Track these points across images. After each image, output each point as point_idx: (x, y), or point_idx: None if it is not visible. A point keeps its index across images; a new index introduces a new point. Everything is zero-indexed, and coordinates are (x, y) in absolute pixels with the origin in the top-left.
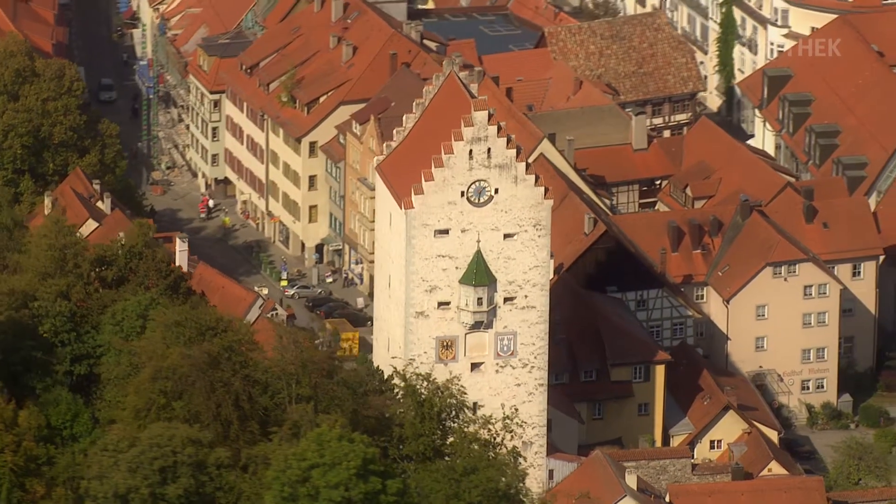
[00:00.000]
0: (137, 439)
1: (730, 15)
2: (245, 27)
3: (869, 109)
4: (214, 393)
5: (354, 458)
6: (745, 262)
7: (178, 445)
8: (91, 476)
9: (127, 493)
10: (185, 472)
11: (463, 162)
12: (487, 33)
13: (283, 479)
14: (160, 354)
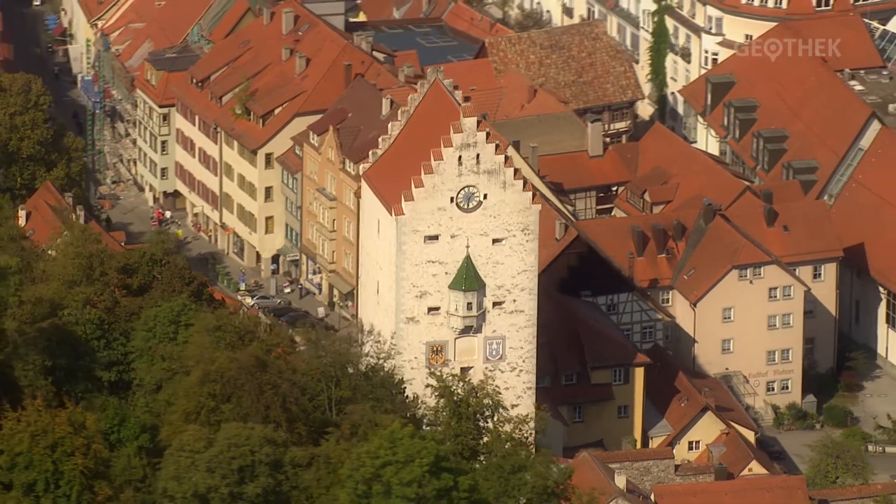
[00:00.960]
0: (214, 440)
1: (662, 24)
2: (191, 41)
3: (816, 114)
4: (263, 395)
5: (427, 455)
6: (710, 266)
7: (256, 445)
8: (168, 476)
9: (207, 493)
10: (264, 472)
11: (452, 168)
12: (425, 45)
13: (356, 476)
14: (208, 358)
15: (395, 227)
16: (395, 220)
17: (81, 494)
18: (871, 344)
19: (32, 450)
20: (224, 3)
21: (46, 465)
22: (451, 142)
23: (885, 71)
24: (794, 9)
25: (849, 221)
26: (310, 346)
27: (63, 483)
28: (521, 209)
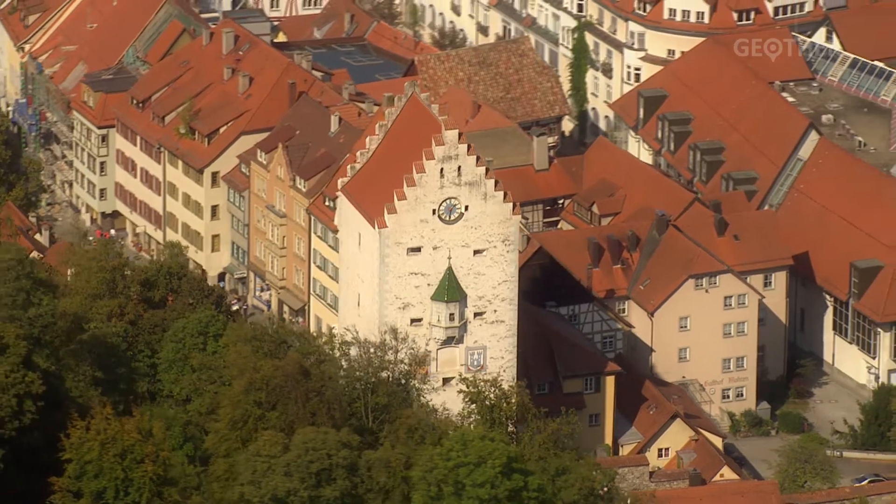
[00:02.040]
0: (290, 444)
1: (582, 40)
2: (127, 63)
3: (753, 125)
4: (309, 402)
5: (499, 455)
6: (666, 276)
7: (333, 448)
8: (245, 481)
9: (286, 497)
10: (341, 475)
11: (434, 180)
12: (351, 64)
13: (429, 478)
14: (252, 367)
15: (379, 240)
16: (378, 232)
17: (151, 501)
18: (816, 351)
19: (102, 458)
20: (159, 24)
21: (116, 472)
22: (433, 154)
23: (814, 83)
24: (717, 23)
25: (792, 230)
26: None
27: (133, 490)
28: (502, 220)
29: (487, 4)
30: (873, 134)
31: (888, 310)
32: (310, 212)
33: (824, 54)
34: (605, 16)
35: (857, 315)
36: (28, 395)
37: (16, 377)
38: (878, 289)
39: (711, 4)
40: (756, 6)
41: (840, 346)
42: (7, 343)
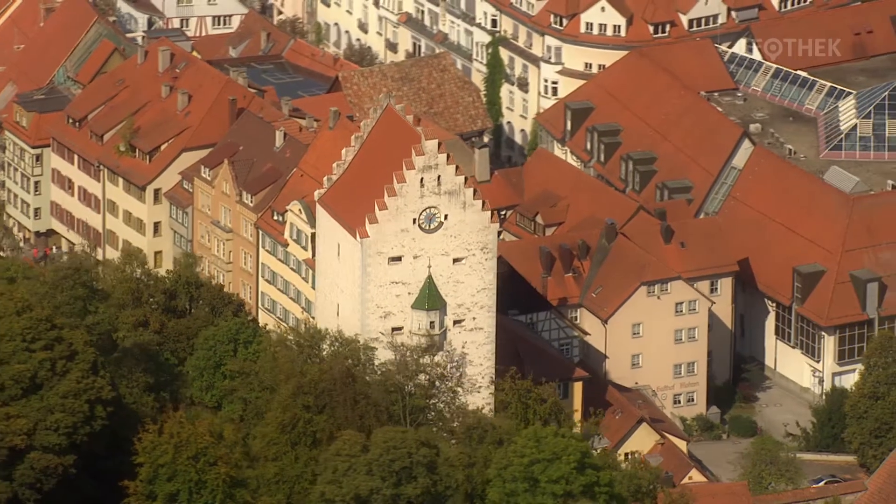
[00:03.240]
0: (369, 444)
1: (497, 55)
2: (58, 82)
3: (684, 135)
4: (357, 405)
5: (573, 452)
6: (618, 283)
7: (413, 447)
8: (326, 481)
9: (369, 495)
10: (422, 473)
11: (415, 190)
12: (271, 81)
13: (504, 475)
14: (299, 371)
15: (360, 250)
16: (359, 242)
17: (224, 503)
18: (758, 356)
19: (176, 461)
20: (89, 44)
21: (190, 474)
22: (413, 164)
23: (738, 93)
24: (633, 36)
25: (730, 238)
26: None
27: (206, 492)
28: (480, 228)
29: (396, 21)
30: (801, 142)
31: (832, 313)
32: (258, 226)
33: (746, 65)
34: (521, 31)
35: (801, 319)
36: (98, 400)
37: (87, 383)
38: (822, 293)
39: (627, 18)
40: (671, 19)
41: (782, 350)
42: (76, 349)
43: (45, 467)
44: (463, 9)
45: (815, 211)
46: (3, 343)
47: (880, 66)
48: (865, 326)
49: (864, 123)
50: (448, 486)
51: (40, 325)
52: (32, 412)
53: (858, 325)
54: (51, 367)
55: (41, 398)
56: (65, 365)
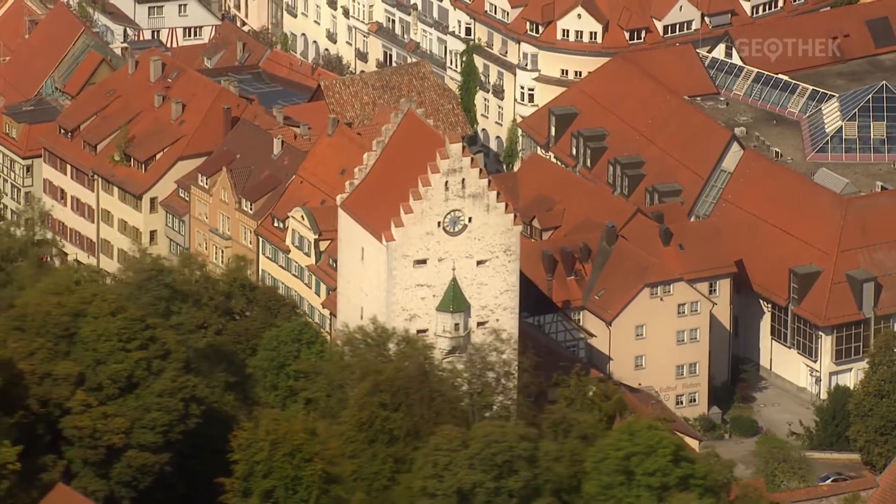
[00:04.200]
0: (470, 438)
1: (471, 63)
2: (45, 94)
3: (671, 138)
4: (433, 402)
5: (668, 444)
6: (620, 285)
7: (513, 440)
8: (426, 475)
9: (472, 489)
10: (523, 466)
11: (439, 193)
12: (250, 91)
13: (601, 468)
14: (375, 369)
15: (386, 253)
16: (385, 246)
17: (319, 499)
18: (752, 357)
19: (272, 457)
20: (76, 55)
21: (287, 471)
22: (437, 168)
23: (721, 97)
24: (610, 43)
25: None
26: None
27: (301, 488)
28: (504, 231)
29: (367, 31)
30: (787, 145)
31: (830, 313)
32: (258, 233)
33: (727, 69)
34: (495, 38)
35: (798, 320)
36: (193, 399)
37: (181, 381)
38: (818, 293)
39: (604, 25)
40: (646, 25)
41: (778, 350)
42: (169, 348)
43: (141, 465)
44: (435, 17)
45: (809, 212)
46: (100, 343)
47: (858, 69)
48: (862, 326)
49: (849, 126)
50: (548, 480)
51: (135, 325)
52: (129, 411)
53: (855, 325)
54: (146, 367)
55: (137, 397)
56: (159, 364)
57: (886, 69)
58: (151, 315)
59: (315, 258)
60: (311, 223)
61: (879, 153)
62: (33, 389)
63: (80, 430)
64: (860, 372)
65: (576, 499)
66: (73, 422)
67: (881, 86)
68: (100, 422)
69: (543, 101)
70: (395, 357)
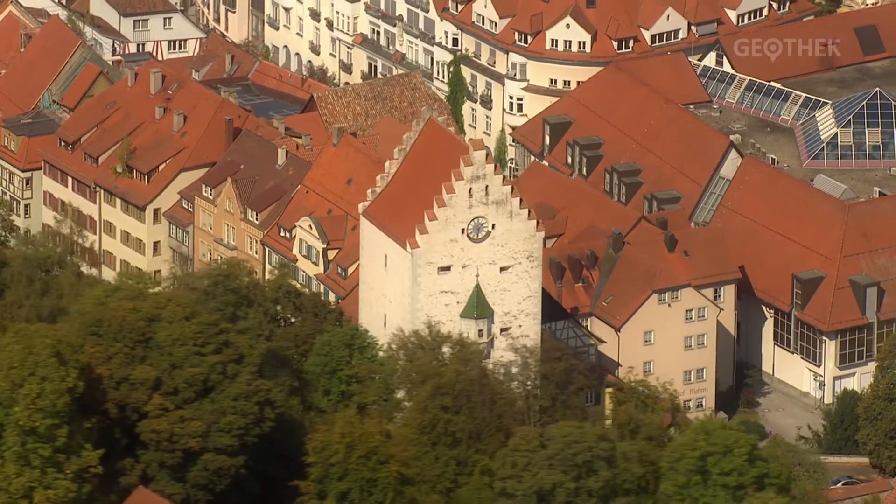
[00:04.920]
0: (548, 439)
1: (458, 74)
2: (43, 107)
3: (668, 146)
4: (495, 405)
5: (744, 444)
6: (628, 292)
7: (592, 441)
8: (505, 476)
9: (552, 489)
10: (602, 466)
11: (463, 200)
12: (242, 103)
13: (678, 468)
14: (436, 372)
15: (411, 261)
16: (410, 253)
17: (394, 500)
18: (754, 362)
19: (348, 459)
20: (74, 68)
21: (363, 473)
22: (461, 175)
23: (714, 105)
24: (598, 52)
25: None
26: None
27: (377, 490)
28: (527, 237)
29: (351, 42)
30: (782, 152)
31: (833, 318)
32: (265, 243)
33: (719, 77)
34: (483, 49)
35: (801, 325)
36: (267, 402)
37: (256, 385)
38: (822, 298)
39: (592, 34)
40: (634, 35)
41: (781, 356)
42: (243, 353)
43: (218, 468)
44: (422, 29)
45: (810, 218)
46: (176, 347)
47: (847, 76)
48: (865, 331)
49: (844, 132)
50: (626, 480)
51: (209, 329)
52: (205, 415)
53: (859, 330)
54: (221, 371)
55: (212, 401)
56: (234, 368)
57: (875, 76)
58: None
59: (323, 267)
60: (320, 232)
61: (874, 159)
62: (111, 394)
63: (158, 433)
64: (863, 376)
65: (650, 499)
66: (150, 425)
67: (875, 92)
68: (177, 425)
69: (532, 110)
70: (450, 361)
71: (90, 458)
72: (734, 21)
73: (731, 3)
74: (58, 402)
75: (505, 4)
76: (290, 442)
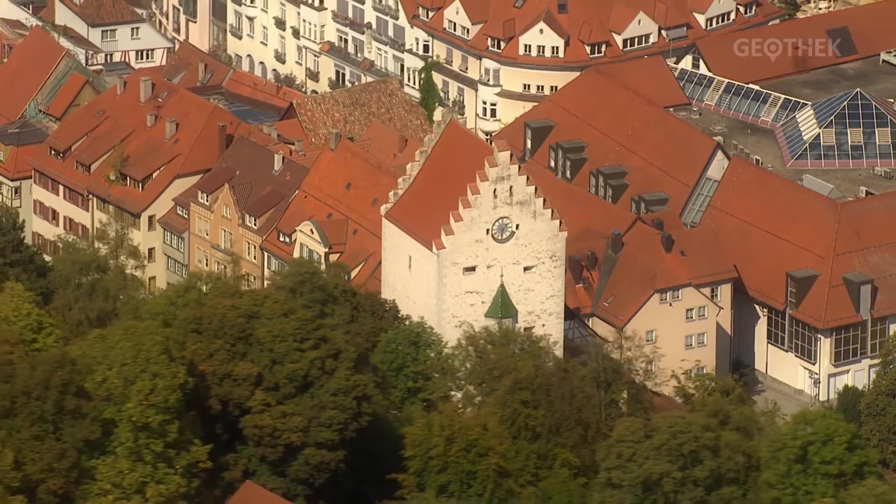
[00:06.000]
0: (653, 430)
1: (430, 80)
2: (30, 116)
3: (654, 148)
4: (574, 398)
5: (844, 432)
6: (630, 292)
7: (698, 431)
8: (611, 466)
9: (659, 479)
10: (708, 455)
11: (488, 201)
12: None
13: (779, 457)
14: (514, 367)
15: (437, 261)
16: (436, 254)
17: (494, 492)
18: (747, 360)
19: (448, 453)
20: (59, 77)
21: (463, 465)
22: (486, 175)
23: (693, 108)
24: (571, 57)
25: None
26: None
27: (476, 483)
28: (550, 237)
29: (318, 50)
30: (765, 153)
31: (829, 316)
32: (264, 248)
33: (697, 80)
34: (455, 54)
35: (796, 323)
36: (365, 397)
37: (354, 380)
38: (817, 296)
39: (565, 39)
40: (606, 39)
41: (774, 354)
42: (340, 348)
43: (318, 463)
44: (391, 36)
45: (802, 217)
46: (276, 343)
47: (821, 78)
48: (860, 328)
49: (826, 133)
50: (730, 469)
51: (307, 325)
52: (306, 410)
53: (853, 327)
54: (320, 366)
55: (312, 396)
56: (332, 363)
57: (849, 77)
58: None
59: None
60: (321, 236)
61: (857, 159)
62: (214, 390)
63: (261, 428)
64: (857, 373)
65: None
66: (253, 421)
67: (855, 93)
68: (279, 420)
69: (506, 115)
70: (520, 356)
71: (199, 454)
72: (703, 25)
73: (699, 8)
74: (170, 398)
75: (477, 10)
76: (376, 437)
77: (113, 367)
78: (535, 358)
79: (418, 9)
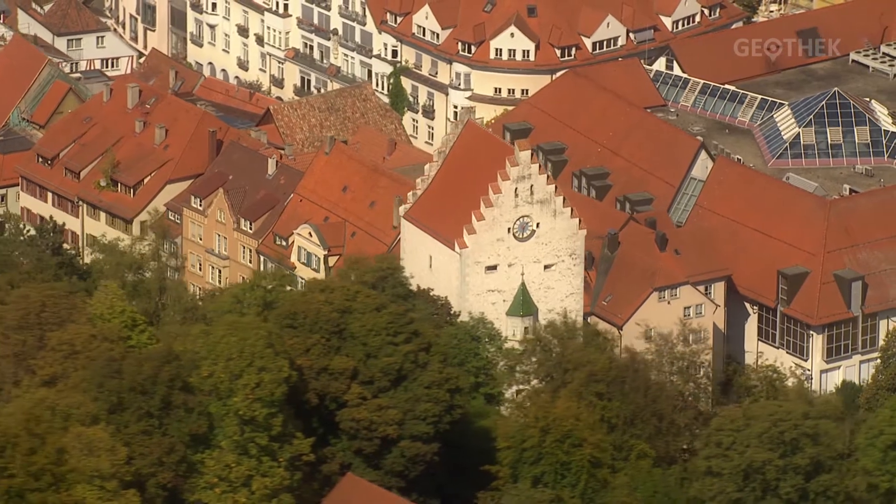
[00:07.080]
0: (752, 418)
1: (398, 85)
2: (13, 124)
3: (637, 149)
4: (649, 391)
5: None
6: (628, 290)
7: (798, 419)
8: (710, 455)
9: (761, 466)
10: (808, 443)
11: (509, 200)
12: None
13: (877, 444)
14: (588, 360)
15: (459, 261)
16: (459, 253)
17: (588, 482)
18: (738, 358)
19: (542, 444)
20: (42, 85)
21: (558, 456)
22: (507, 175)
23: (671, 109)
24: (542, 60)
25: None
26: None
27: (570, 473)
28: (570, 235)
29: (283, 57)
30: (745, 152)
31: (821, 312)
32: (260, 252)
33: (672, 82)
34: (424, 59)
35: (788, 320)
36: (457, 390)
37: (447, 373)
38: (808, 293)
39: (536, 43)
40: (576, 42)
41: (765, 351)
42: (430, 342)
43: (413, 455)
44: (358, 41)
45: (790, 215)
46: (370, 338)
47: (793, 78)
48: (850, 324)
49: (806, 132)
50: (829, 457)
51: (400, 319)
52: (401, 403)
53: (844, 324)
54: (413, 360)
55: (405, 389)
56: (424, 357)
57: (820, 77)
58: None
59: (324, 273)
60: (320, 239)
61: (836, 157)
62: (311, 384)
63: (358, 422)
64: (848, 369)
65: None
66: (350, 414)
67: (833, 92)
68: (375, 414)
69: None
70: (591, 350)
71: (302, 447)
72: (669, 27)
73: (665, 11)
74: (275, 391)
75: (446, 15)
76: (457, 430)
77: (219, 361)
78: (601, 351)
79: (386, 14)
